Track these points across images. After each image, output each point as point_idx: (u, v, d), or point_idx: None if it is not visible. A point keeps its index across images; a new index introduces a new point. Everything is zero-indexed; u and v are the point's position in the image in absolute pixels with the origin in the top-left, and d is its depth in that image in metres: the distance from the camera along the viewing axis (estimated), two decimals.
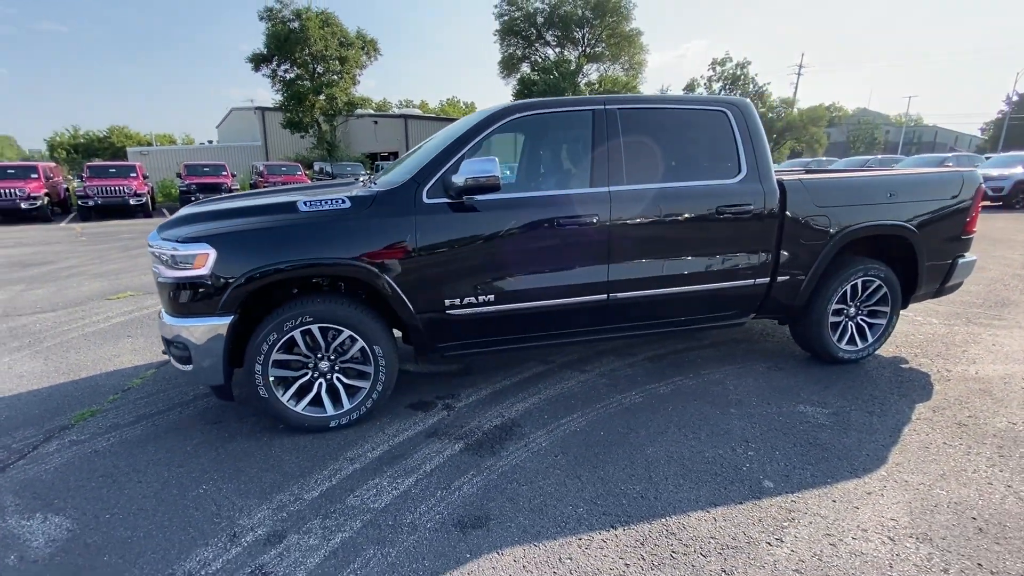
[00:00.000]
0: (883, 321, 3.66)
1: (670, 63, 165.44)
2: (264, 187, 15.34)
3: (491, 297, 2.87)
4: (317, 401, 2.79)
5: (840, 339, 3.62)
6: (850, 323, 3.65)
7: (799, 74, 50.21)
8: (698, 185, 3.13)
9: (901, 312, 3.76)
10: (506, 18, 38.52)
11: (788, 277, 3.37)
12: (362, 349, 2.75)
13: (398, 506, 2.19)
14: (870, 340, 3.68)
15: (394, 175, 3.07)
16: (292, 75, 26.16)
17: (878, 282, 3.54)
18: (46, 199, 14.46)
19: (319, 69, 26.01)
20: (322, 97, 26.09)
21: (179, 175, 17.68)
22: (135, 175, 16.00)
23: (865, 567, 1.83)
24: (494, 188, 2.63)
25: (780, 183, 3.26)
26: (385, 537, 2.01)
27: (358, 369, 2.81)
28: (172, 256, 2.54)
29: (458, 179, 2.65)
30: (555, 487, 2.31)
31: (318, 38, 24.22)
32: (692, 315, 3.33)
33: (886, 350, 3.94)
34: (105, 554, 1.94)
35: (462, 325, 2.89)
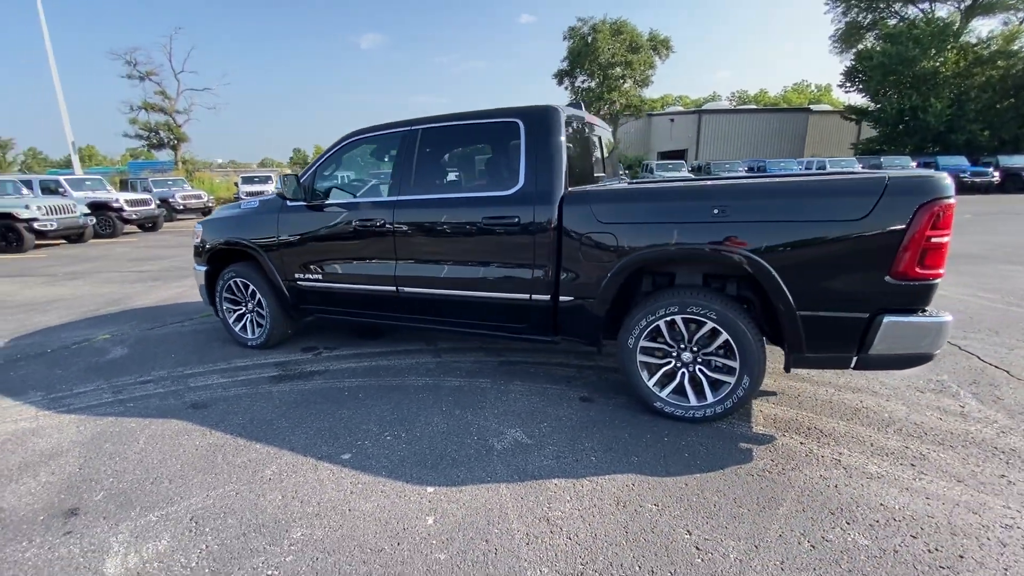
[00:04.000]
0: (730, 379, 2.76)
1: None
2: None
3: (319, 276, 3.90)
4: (248, 328, 4.46)
5: (663, 387, 2.95)
6: (683, 371, 2.91)
7: None
8: (468, 196, 3.26)
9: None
10: None
11: (573, 298, 3.05)
12: (259, 301, 4.25)
13: (195, 389, 3.64)
14: (710, 399, 2.83)
15: None
16: (587, 85, 29.13)
17: (710, 324, 2.73)
18: None
19: (609, 75, 28.05)
20: (609, 102, 28.12)
21: None
22: None
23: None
24: (283, 197, 3.68)
25: (563, 195, 2.99)
26: (166, 396, 3.51)
27: (261, 313, 4.34)
28: (194, 230, 4.63)
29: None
30: (259, 409, 3.29)
31: (605, 48, 26.16)
32: (476, 320, 3.43)
33: (776, 423, 2.86)
34: (117, 367, 4.12)
35: (307, 293, 4.02)
